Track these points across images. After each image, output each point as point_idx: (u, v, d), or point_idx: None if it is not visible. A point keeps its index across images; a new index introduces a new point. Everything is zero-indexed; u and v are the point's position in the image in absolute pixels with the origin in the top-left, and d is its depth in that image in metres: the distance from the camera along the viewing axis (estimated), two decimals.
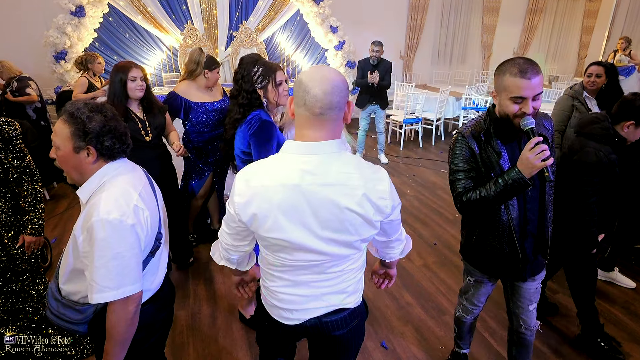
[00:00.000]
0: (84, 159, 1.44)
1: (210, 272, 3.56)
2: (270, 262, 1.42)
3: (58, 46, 5.95)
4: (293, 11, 7.74)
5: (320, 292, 1.43)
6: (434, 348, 2.76)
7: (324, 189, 1.24)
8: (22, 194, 2.20)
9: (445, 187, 5.52)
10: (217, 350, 2.73)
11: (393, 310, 3.11)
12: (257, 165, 1.33)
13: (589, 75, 3.46)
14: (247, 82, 2.40)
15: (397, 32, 9.38)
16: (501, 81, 1.71)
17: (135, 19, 6.81)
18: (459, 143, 1.88)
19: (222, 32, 7.45)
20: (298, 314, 1.45)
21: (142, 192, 1.50)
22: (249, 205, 1.27)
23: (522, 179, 1.68)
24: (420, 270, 3.62)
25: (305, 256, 1.34)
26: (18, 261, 2.27)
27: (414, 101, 7.11)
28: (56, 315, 1.53)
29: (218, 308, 3.12)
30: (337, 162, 1.27)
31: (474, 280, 2.25)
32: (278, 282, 1.44)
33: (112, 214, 1.35)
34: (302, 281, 1.41)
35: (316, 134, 1.26)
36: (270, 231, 1.28)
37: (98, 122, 1.43)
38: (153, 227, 1.52)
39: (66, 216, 4.60)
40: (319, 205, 1.25)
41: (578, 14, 11.56)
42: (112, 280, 1.36)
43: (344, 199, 1.24)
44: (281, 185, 1.24)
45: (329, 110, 1.23)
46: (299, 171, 1.25)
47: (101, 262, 1.35)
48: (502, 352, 2.71)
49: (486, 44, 10.55)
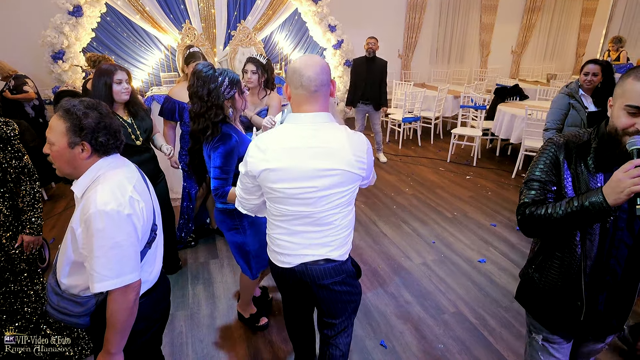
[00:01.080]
0: (78, 154, 1.48)
1: (209, 272, 3.56)
2: (273, 213, 1.75)
3: (56, 46, 5.93)
4: (291, 10, 7.73)
5: (309, 242, 1.73)
6: (433, 347, 2.76)
7: (318, 150, 1.58)
8: (20, 194, 2.20)
9: (443, 185, 5.53)
10: (216, 350, 2.73)
11: (392, 308, 3.12)
12: (266, 134, 1.66)
13: (585, 74, 3.47)
14: (215, 96, 2.21)
15: (396, 30, 9.38)
16: (621, 85, 1.38)
17: (133, 19, 6.79)
18: (546, 150, 1.56)
19: (220, 31, 7.43)
20: (290, 259, 1.77)
21: (136, 185, 1.54)
22: (260, 163, 1.61)
23: (602, 204, 1.28)
24: (419, 269, 3.62)
25: (298, 207, 1.65)
26: (16, 261, 2.26)
27: (413, 100, 7.11)
28: (56, 309, 1.55)
29: (217, 308, 3.12)
30: (329, 129, 1.63)
31: (541, 339, 1.74)
32: (277, 230, 1.77)
33: (109, 204, 1.39)
34: (296, 231, 1.72)
35: (312, 107, 1.62)
36: (275, 182, 1.62)
37: (94, 118, 1.46)
38: (148, 218, 1.56)
39: (64, 216, 4.59)
40: (312, 163, 1.58)
41: (576, 12, 11.57)
42: (111, 270, 1.40)
43: (332, 158, 1.59)
44: (286, 148, 1.59)
45: (321, 87, 1.60)
46: (299, 137, 1.60)
47: (101, 252, 1.39)
48: (501, 351, 2.71)
49: (484, 43, 10.55)
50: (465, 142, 6.84)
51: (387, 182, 5.67)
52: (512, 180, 5.75)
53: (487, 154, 6.95)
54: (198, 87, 2.24)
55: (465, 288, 3.36)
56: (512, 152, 6.89)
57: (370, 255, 3.85)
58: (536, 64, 11.57)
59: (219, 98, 2.22)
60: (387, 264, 3.70)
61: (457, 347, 2.75)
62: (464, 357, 2.67)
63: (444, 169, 6.20)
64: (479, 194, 5.28)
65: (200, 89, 2.23)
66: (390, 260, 3.77)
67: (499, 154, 6.91)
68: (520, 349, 2.72)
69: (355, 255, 3.81)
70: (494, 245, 4.02)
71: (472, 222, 4.51)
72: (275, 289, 3.32)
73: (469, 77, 10.43)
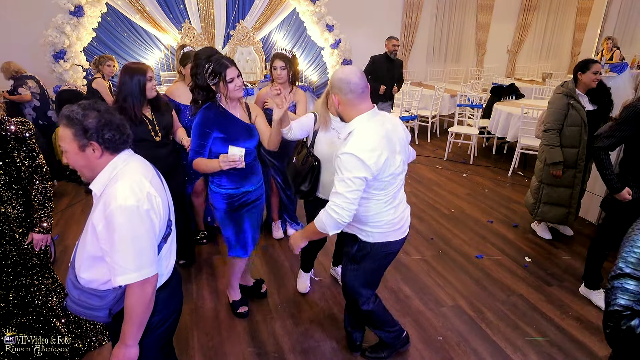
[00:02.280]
0: (91, 155, 1.53)
1: (212, 267, 3.63)
2: (382, 201, 2.09)
3: (57, 46, 5.98)
4: (289, 10, 7.79)
5: (404, 205, 2.27)
6: (432, 339, 2.84)
7: (395, 129, 2.08)
8: (32, 192, 2.27)
9: (440, 183, 5.62)
10: (220, 342, 2.80)
11: (392, 302, 3.19)
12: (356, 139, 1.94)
13: (595, 73, 3.50)
14: (200, 78, 2.47)
15: (392, 30, 9.42)
16: None
17: (133, 19, 6.84)
18: None
19: (220, 31, 7.49)
20: (406, 226, 2.29)
21: (152, 180, 1.59)
22: (380, 157, 1.92)
23: None
24: (418, 264, 3.70)
25: (397, 180, 2.10)
26: (28, 256, 2.32)
27: (410, 99, 7.19)
28: (77, 303, 1.60)
29: (220, 302, 3.18)
30: (386, 114, 2.13)
31: None
32: (390, 212, 2.14)
33: (129, 200, 1.45)
34: (399, 202, 2.19)
35: (367, 105, 2.04)
36: (391, 166, 2.00)
37: (93, 117, 1.50)
38: (165, 214, 1.61)
39: (67, 214, 4.65)
40: (397, 140, 2.06)
41: (571, 12, 11.67)
42: (133, 263, 1.46)
43: (402, 131, 2.17)
44: (380, 138, 1.96)
45: (365, 88, 2.01)
46: (382, 124, 2.01)
47: (122, 246, 1.44)
48: (498, 342, 2.79)
49: (480, 42, 10.64)
50: (462, 140, 6.92)
51: None
52: (508, 178, 5.84)
53: (483, 152, 7.04)
54: (192, 67, 2.59)
55: (463, 282, 3.44)
56: (508, 151, 6.98)
57: None
58: (532, 63, 11.67)
59: (203, 81, 2.47)
60: None
61: (456, 339, 2.83)
62: (463, 348, 2.75)
63: (441, 167, 6.28)
64: (476, 191, 5.36)
65: (192, 69, 2.57)
66: None
67: (495, 152, 7.00)
68: (517, 340, 2.81)
69: None
70: (490, 241, 4.11)
71: (469, 218, 4.60)
72: (275, 286, 3.39)
73: (465, 76, 10.52)
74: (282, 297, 3.25)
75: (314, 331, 2.90)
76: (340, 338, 2.82)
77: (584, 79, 3.55)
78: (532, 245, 4.03)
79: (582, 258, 3.78)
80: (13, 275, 2.31)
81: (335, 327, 2.93)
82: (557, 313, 3.08)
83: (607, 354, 2.69)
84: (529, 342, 2.80)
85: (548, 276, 3.52)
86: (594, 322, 2.99)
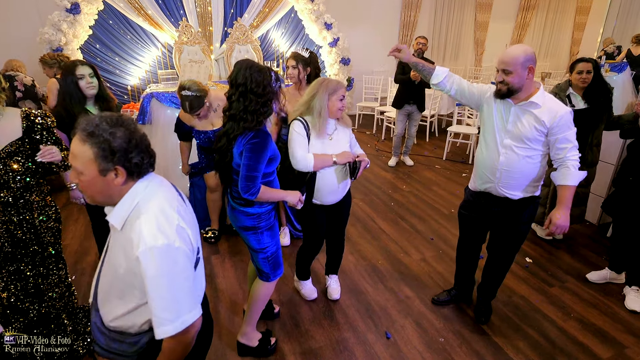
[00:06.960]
0: (111, 181, 1.29)
1: (211, 267, 3.60)
2: None
3: (53, 43, 5.91)
4: (287, 8, 7.74)
5: None
6: (434, 340, 2.82)
7: None
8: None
9: (439, 182, 5.59)
10: (220, 344, 2.76)
11: (393, 303, 3.17)
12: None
13: (579, 72, 3.47)
14: (270, 91, 2.13)
15: (391, 29, 9.42)
16: None
17: (130, 16, 6.78)
18: None
19: (217, 29, 7.43)
20: None
21: (179, 208, 1.39)
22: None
23: None
24: (418, 265, 3.68)
25: None
26: (44, 244, 2.34)
27: None
28: (107, 350, 1.45)
29: (220, 303, 3.15)
30: None
31: None
32: None
33: (159, 239, 1.25)
34: None
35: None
36: None
37: (123, 137, 1.27)
38: (195, 243, 1.42)
39: (64, 214, 4.58)
40: None
41: (570, 11, 11.68)
42: (170, 312, 1.27)
43: None
44: None
45: None
46: None
47: (156, 293, 1.26)
48: (499, 344, 2.77)
49: (479, 41, 10.63)
50: (460, 139, 6.91)
51: (384, 179, 5.73)
52: None
53: None
54: (252, 85, 2.09)
55: None
56: None
57: (370, 251, 3.90)
58: None
59: (273, 93, 2.15)
60: (386, 259, 3.76)
61: (458, 341, 2.81)
62: (464, 349, 2.73)
63: (440, 167, 6.26)
64: None
65: (256, 87, 2.09)
66: (390, 256, 3.82)
67: None
68: (518, 342, 2.79)
69: (354, 251, 3.86)
70: None
71: None
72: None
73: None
74: (282, 297, 3.22)
75: (315, 332, 2.87)
76: (341, 339, 2.79)
77: (572, 78, 3.57)
78: (532, 246, 4.01)
79: (583, 258, 3.78)
80: (32, 265, 2.32)
81: (335, 327, 2.91)
82: (559, 314, 3.06)
83: (609, 356, 2.68)
84: (531, 344, 2.78)
85: (549, 277, 3.51)
86: (597, 324, 2.97)
